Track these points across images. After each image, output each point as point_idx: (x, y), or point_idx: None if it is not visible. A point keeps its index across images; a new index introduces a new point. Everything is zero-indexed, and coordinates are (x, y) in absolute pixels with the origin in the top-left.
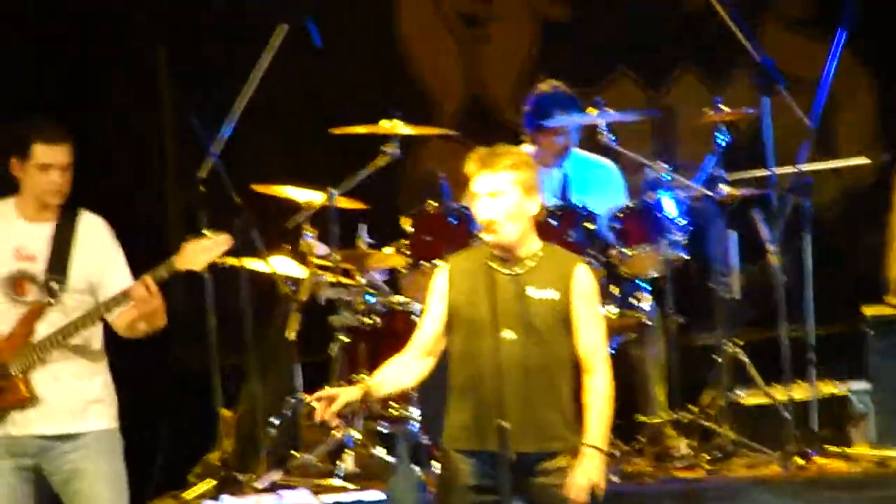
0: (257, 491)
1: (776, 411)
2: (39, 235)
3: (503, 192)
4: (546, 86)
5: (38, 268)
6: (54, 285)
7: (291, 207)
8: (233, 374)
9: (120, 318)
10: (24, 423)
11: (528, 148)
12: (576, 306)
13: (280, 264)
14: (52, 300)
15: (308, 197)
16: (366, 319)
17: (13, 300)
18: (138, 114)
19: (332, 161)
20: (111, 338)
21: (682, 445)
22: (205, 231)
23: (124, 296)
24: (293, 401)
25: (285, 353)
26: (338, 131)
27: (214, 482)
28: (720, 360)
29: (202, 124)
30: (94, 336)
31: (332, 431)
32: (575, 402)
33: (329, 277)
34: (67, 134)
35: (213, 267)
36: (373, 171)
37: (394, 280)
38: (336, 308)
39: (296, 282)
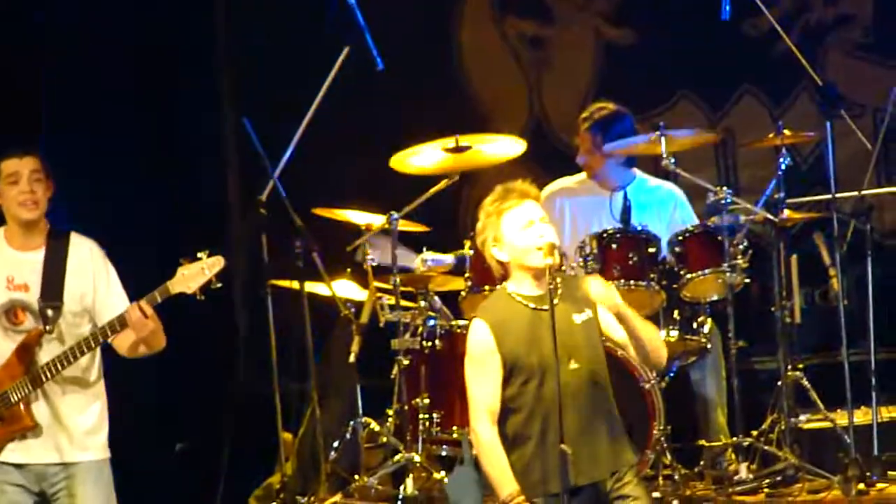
0: None
1: (838, 436)
2: (31, 263)
3: (548, 219)
4: (591, 108)
5: (32, 296)
6: (49, 312)
7: (352, 231)
8: (294, 398)
9: (120, 341)
10: (25, 452)
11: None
12: (600, 314)
13: (341, 288)
14: (48, 327)
15: (369, 220)
16: (426, 343)
17: (9, 330)
18: (200, 136)
19: (394, 184)
20: (179, 360)
21: (743, 470)
22: (199, 254)
23: (120, 321)
24: (354, 424)
25: (346, 377)
26: (397, 159)
27: None
28: (781, 384)
29: (265, 148)
30: (92, 365)
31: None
32: None
33: (389, 300)
34: (32, 148)
35: (275, 290)
36: (434, 194)
37: (455, 303)
38: (397, 331)
39: (356, 305)
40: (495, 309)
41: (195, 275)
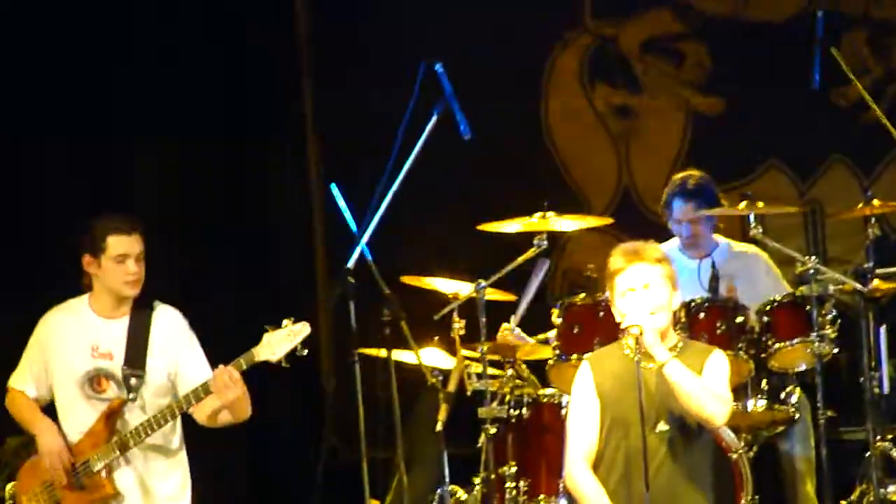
0: None
1: None
2: (115, 332)
3: (656, 284)
4: (679, 175)
5: (116, 364)
6: (133, 381)
7: (440, 299)
8: (382, 466)
9: (200, 410)
10: None
11: (675, 241)
12: None
13: (428, 356)
14: (131, 395)
15: (456, 288)
16: (514, 411)
17: (92, 398)
18: (287, 203)
19: (481, 252)
20: (267, 429)
21: None
22: (284, 321)
23: (204, 388)
24: (441, 492)
25: (433, 445)
26: (487, 228)
27: None
28: (870, 454)
29: (354, 216)
30: (174, 432)
31: None
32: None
33: (476, 369)
34: (137, 223)
35: (362, 358)
36: (521, 263)
37: (542, 372)
38: (484, 400)
39: (444, 373)
40: (604, 355)
41: (280, 342)
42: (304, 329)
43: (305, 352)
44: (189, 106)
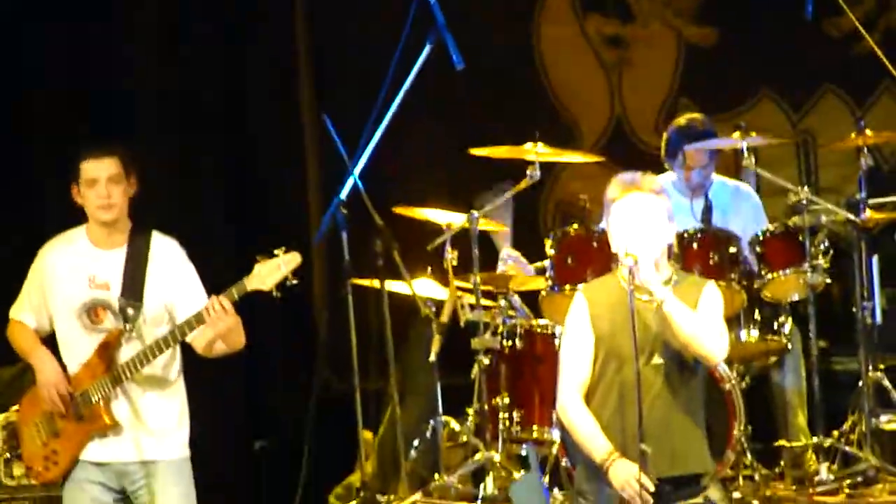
0: None
1: None
2: (112, 262)
3: (651, 214)
4: (682, 120)
5: (113, 295)
6: (130, 311)
7: (433, 229)
8: (375, 397)
9: (197, 339)
10: (105, 450)
11: (670, 175)
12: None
13: (421, 286)
14: (128, 326)
15: (449, 219)
16: (507, 342)
17: (90, 328)
18: (280, 135)
19: (474, 183)
20: (260, 360)
21: (824, 470)
22: (275, 251)
23: (197, 318)
24: (434, 423)
25: (426, 376)
26: (477, 152)
27: None
28: (862, 384)
29: (345, 147)
30: (172, 363)
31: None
32: None
33: (470, 300)
34: (114, 148)
35: (355, 289)
36: (515, 193)
37: (535, 302)
38: (477, 330)
39: (437, 304)
40: (599, 286)
41: (271, 271)
42: (294, 259)
43: (296, 281)
44: (189, 106)
